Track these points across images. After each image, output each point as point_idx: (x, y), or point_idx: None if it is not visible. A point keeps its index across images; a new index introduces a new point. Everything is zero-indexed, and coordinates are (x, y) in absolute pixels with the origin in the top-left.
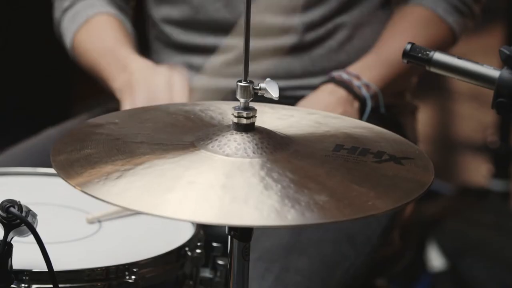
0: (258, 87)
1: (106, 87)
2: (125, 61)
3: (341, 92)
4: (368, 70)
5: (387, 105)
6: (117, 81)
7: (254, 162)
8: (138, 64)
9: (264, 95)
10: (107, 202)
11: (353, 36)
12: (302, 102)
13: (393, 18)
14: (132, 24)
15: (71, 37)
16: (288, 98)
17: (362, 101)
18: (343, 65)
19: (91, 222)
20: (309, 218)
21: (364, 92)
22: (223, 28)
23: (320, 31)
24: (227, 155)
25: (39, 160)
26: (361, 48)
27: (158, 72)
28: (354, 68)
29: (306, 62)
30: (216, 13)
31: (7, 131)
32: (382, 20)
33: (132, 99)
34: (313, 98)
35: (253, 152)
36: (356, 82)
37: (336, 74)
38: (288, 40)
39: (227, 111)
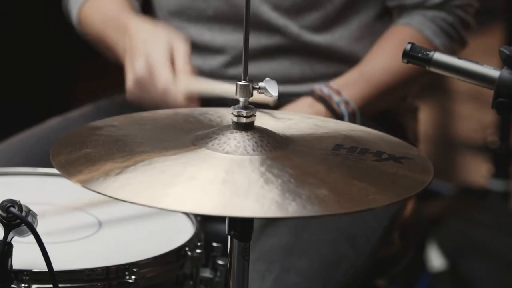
0: (257, 86)
1: (113, 57)
2: (125, 24)
3: (319, 107)
4: (349, 87)
5: (386, 110)
6: (119, 46)
7: (254, 159)
8: (137, 25)
9: (264, 94)
10: (109, 196)
11: (353, 47)
12: (283, 110)
13: (382, 36)
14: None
15: (77, 11)
16: (286, 103)
17: (339, 118)
18: (342, 73)
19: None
20: (310, 210)
21: (342, 108)
22: (222, 22)
23: (319, 38)
24: (227, 152)
25: (42, 148)
26: (362, 56)
27: (157, 37)
28: (336, 83)
29: (305, 68)
30: (222, 8)
31: (6, 132)
32: (383, 31)
33: (133, 70)
34: (293, 107)
35: (253, 150)
36: (335, 98)
37: (317, 87)
38: (284, 40)
39: (226, 115)
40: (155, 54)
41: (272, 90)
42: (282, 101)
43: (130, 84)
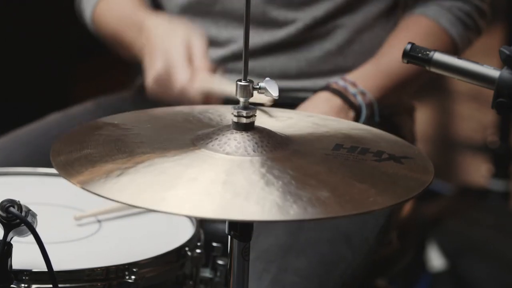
0: (257, 86)
1: (129, 55)
2: (141, 21)
3: (336, 101)
4: (365, 79)
5: (383, 106)
6: (136, 44)
7: (255, 160)
8: (154, 23)
9: (264, 94)
10: (109, 199)
11: (352, 40)
12: (299, 109)
13: (397, 27)
14: None
15: (91, 10)
16: (284, 99)
17: (357, 109)
18: (340, 69)
19: (78, 219)
20: (312, 213)
21: (359, 99)
22: (228, 18)
23: (320, 30)
24: (227, 153)
25: (43, 144)
26: (360, 53)
27: (175, 34)
28: (351, 76)
29: (302, 63)
30: (230, 4)
31: (6, 132)
32: (385, 27)
33: (152, 69)
34: (309, 105)
35: (253, 151)
36: (351, 90)
37: (332, 81)
38: (285, 34)
39: (225, 113)
40: (173, 53)
41: (272, 90)
42: (282, 97)
43: (150, 82)
